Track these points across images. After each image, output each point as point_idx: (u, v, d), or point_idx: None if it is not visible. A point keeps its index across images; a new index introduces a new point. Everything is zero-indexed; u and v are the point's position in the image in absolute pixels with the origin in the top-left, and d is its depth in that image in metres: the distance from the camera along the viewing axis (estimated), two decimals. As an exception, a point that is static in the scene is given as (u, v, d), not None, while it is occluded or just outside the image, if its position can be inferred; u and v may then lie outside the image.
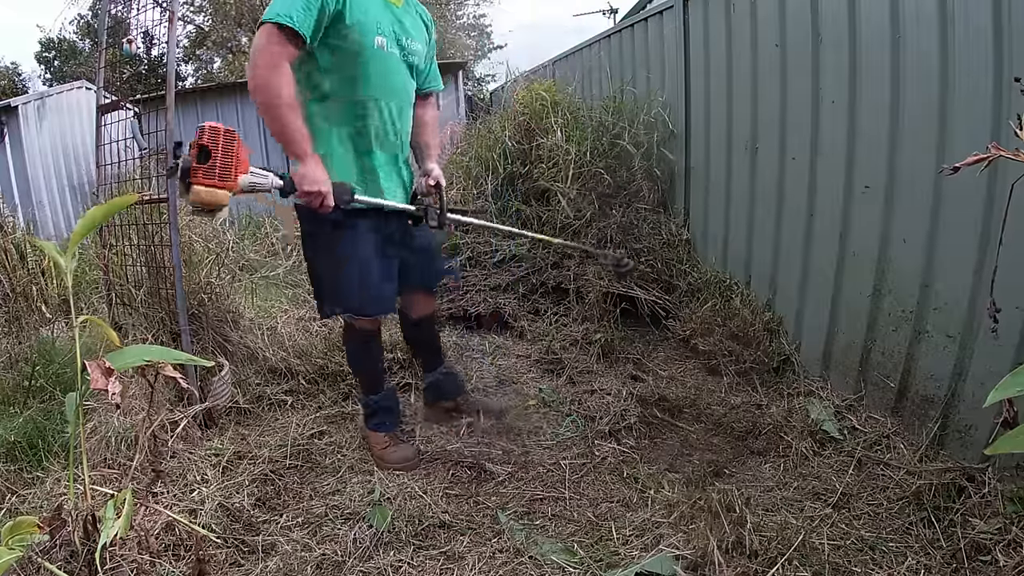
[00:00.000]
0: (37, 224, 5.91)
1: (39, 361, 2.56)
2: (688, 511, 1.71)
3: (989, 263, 1.65)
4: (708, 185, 3.09)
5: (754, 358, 2.50)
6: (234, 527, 1.73)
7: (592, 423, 2.27)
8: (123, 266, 2.57)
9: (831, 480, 1.84)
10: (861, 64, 2.08)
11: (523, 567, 1.57)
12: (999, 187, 1.63)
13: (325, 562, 1.61)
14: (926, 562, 1.48)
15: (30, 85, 15.35)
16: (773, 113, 2.54)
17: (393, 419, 2.15)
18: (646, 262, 3.21)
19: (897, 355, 2.02)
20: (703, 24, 3.01)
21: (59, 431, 2.09)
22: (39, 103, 6.48)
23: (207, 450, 2.04)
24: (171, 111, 2.16)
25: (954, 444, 1.81)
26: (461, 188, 3.66)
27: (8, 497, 1.77)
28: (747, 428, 2.18)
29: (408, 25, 1.90)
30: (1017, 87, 1.23)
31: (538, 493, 1.89)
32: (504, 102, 4.16)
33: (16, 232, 3.76)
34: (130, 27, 2.74)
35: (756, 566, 1.47)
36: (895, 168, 1.99)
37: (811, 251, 2.40)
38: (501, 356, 2.94)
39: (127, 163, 2.60)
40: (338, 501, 1.86)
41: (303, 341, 2.78)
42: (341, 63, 1.77)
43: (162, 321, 2.37)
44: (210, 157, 1.56)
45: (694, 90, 3.17)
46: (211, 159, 1.56)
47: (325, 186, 1.72)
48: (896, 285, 2.02)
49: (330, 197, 1.73)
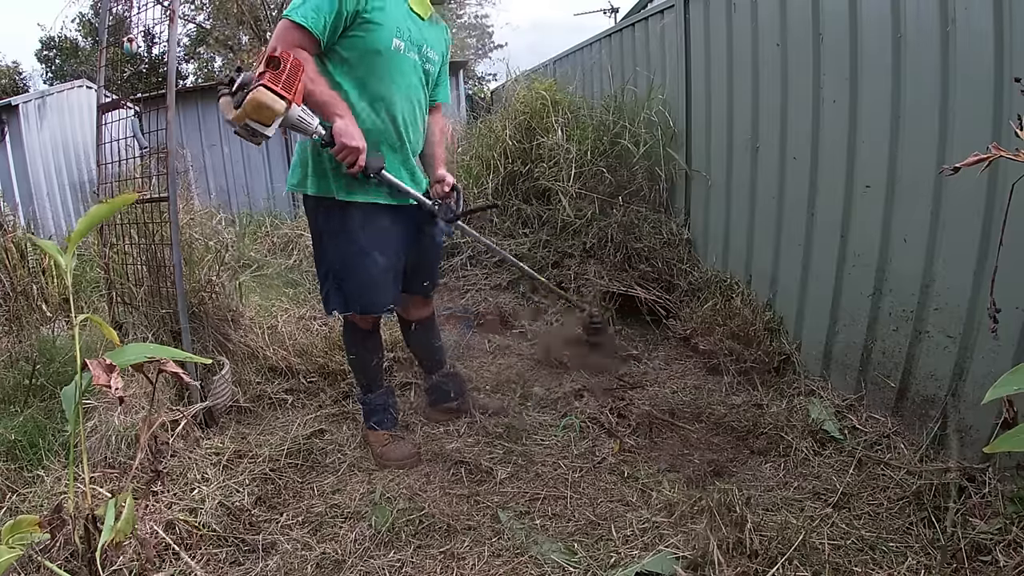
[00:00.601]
0: (38, 223, 5.91)
1: (40, 360, 2.57)
2: (688, 511, 1.71)
3: (989, 263, 1.65)
4: (709, 184, 3.09)
5: (755, 358, 2.50)
6: (234, 526, 1.73)
7: (592, 423, 2.27)
8: (124, 265, 2.57)
9: (831, 480, 1.84)
10: (862, 64, 2.08)
11: (523, 567, 1.57)
12: (999, 187, 1.63)
13: (325, 561, 1.61)
14: (926, 562, 1.48)
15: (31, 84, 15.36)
16: (774, 112, 2.54)
17: (392, 417, 2.17)
18: (647, 261, 3.22)
19: (897, 355, 2.02)
20: (704, 23, 3.01)
21: (59, 430, 2.10)
22: (40, 102, 6.48)
23: (207, 449, 2.04)
24: (172, 110, 2.16)
25: (954, 444, 1.81)
26: (462, 188, 3.64)
27: (8, 496, 1.78)
28: (747, 428, 2.18)
29: (429, 35, 1.96)
30: (1017, 87, 1.23)
31: (538, 493, 1.88)
32: (505, 101, 4.16)
33: (17, 231, 3.77)
34: (131, 26, 2.74)
35: (756, 566, 1.46)
36: (896, 168, 1.99)
37: (812, 250, 2.40)
38: (501, 355, 2.94)
39: (128, 162, 2.60)
40: (338, 500, 1.86)
41: (303, 340, 2.78)
42: (359, 60, 1.82)
43: (162, 320, 2.37)
44: (280, 67, 1.58)
45: (695, 89, 3.16)
46: (281, 68, 1.57)
47: (363, 143, 1.76)
48: (896, 285, 2.02)
49: (363, 157, 1.76)
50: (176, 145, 2.26)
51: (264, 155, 7.18)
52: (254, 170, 7.21)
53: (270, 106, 1.55)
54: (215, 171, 7.15)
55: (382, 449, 2.07)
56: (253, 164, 7.20)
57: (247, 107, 1.55)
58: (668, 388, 2.55)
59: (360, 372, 2.19)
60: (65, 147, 6.67)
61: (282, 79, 1.57)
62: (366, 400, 2.16)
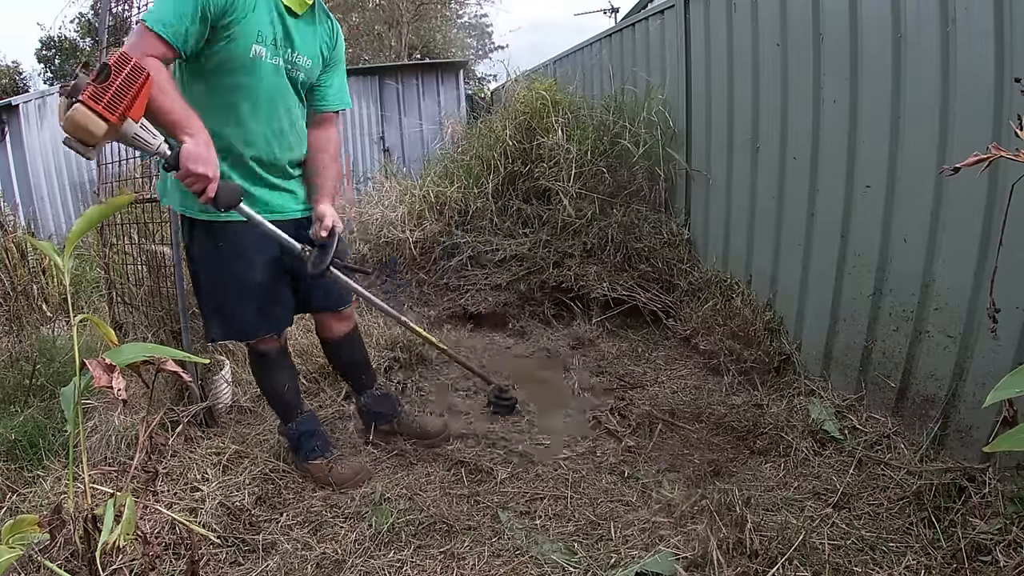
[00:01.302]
0: (38, 223, 5.92)
1: (40, 360, 2.57)
2: (688, 511, 1.71)
3: (989, 263, 1.65)
4: (709, 184, 3.09)
5: (755, 358, 2.50)
6: (234, 526, 1.73)
7: (592, 422, 2.27)
8: (124, 265, 2.58)
9: (831, 480, 1.84)
10: (862, 64, 2.08)
11: (523, 567, 1.57)
12: (999, 187, 1.63)
13: (325, 561, 1.61)
14: (926, 562, 1.48)
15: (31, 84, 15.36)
16: (774, 112, 2.54)
17: (322, 441, 2.00)
18: (647, 261, 3.22)
19: (898, 355, 2.02)
20: (704, 23, 3.01)
21: (59, 430, 2.10)
22: (40, 102, 6.48)
23: (207, 449, 2.04)
24: (171, 110, 2.15)
25: (954, 444, 1.81)
26: (462, 187, 3.66)
27: (8, 496, 1.78)
28: (747, 428, 2.18)
29: (298, 37, 1.73)
30: (1018, 87, 1.23)
31: (538, 493, 1.89)
32: (505, 101, 4.16)
33: (17, 231, 3.77)
34: (131, 26, 2.73)
35: (756, 566, 1.46)
36: (896, 168, 1.98)
37: (812, 250, 2.40)
38: (499, 354, 2.95)
39: (128, 162, 2.61)
40: (338, 500, 1.86)
41: (303, 340, 2.78)
42: (216, 69, 1.63)
43: (162, 319, 2.38)
44: (108, 79, 1.35)
45: (695, 89, 3.17)
46: (109, 81, 1.35)
47: (213, 171, 1.52)
48: (897, 285, 2.02)
49: (214, 186, 1.52)
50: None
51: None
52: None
53: (87, 128, 1.35)
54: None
55: (327, 476, 1.92)
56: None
57: (67, 124, 1.36)
58: (668, 388, 2.55)
59: (274, 402, 2.01)
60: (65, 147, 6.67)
61: (107, 95, 1.35)
62: (289, 431, 1.99)
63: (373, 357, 2.63)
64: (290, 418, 1.99)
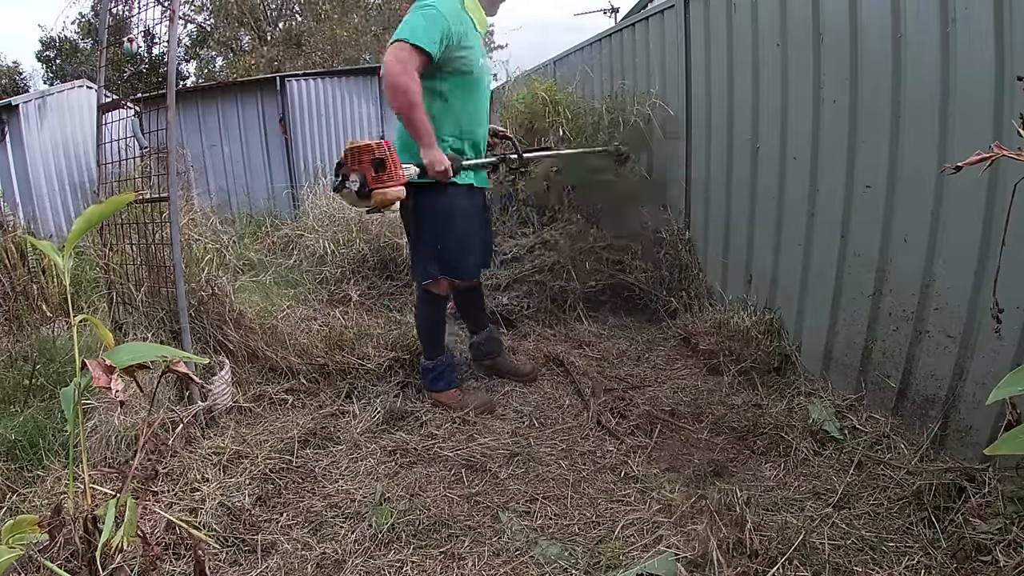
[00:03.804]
0: (38, 223, 5.91)
1: (40, 360, 2.57)
2: (688, 511, 1.71)
3: (990, 263, 1.64)
4: (709, 184, 3.09)
5: (754, 358, 2.50)
6: (234, 526, 1.73)
7: (593, 423, 2.27)
8: (124, 265, 2.57)
9: (831, 480, 1.84)
10: (862, 64, 2.08)
11: (523, 567, 1.57)
12: (1001, 187, 1.62)
13: (325, 561, 1.61)
14: (926, 562, 1.48)
15: (31, 84, 15.37)
16: (774, 112, 2.53)
17: (456, 376, 2.48)
18: (647, 261, 3.21)
19: (898, 355, 2.02)
20: (704, 23, 3.00)
21: (59, 430, 2.10)
22: (40, 102, 6.47)
23: (207, 449, 2.04)
24: (172, 110, 2.16)
25: (954, 444, 1.81)
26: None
27: (8, 496, 1.78)
28: (747, 428, 2.18)
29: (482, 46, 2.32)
30: (1019, 86, 1.23)
31: (538, 493, 1.89)
32: (505, 101, 4.16)
33: (17, 230, 3.77)
34: (131, 26, 2.74)
35: (756, 566, 1.46)
36: (896, 167, 1.98)
37: (812, 250, 2.40)
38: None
39: (128, 162, 2.61)
40: (338, 500, 1.86)
41: (304, 340, 2.78)
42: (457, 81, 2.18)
43: (162, 320, 2.37)
44: (385, 166, 1.97)
45: (695, 89, 3.16)
46: (387, 168, 1.97)
47: (447, 164, 2.13)
48: (897, 285, 2.02)
49: (451, 171, 2.15)
50: (176, 145, 2.26)
51: (264, 155, 7.18)
52: (254, 170, 7.21)
53: (398, 196, 2.02)
54: (215, 171, 7.15)
55: (459, 404, 2.35)
56: (253, 164, 7.20)
57: (380, 203, 1.99)
58: (668, 388, 2.55)
59: (429, 338, 2.44)
60: (65, 147, 6.66)
61: (396, 173, 1.99)
62: (435, 365, 2.40)
63: (374, 357, 2.69)
64: (439, 352, 2.43)
